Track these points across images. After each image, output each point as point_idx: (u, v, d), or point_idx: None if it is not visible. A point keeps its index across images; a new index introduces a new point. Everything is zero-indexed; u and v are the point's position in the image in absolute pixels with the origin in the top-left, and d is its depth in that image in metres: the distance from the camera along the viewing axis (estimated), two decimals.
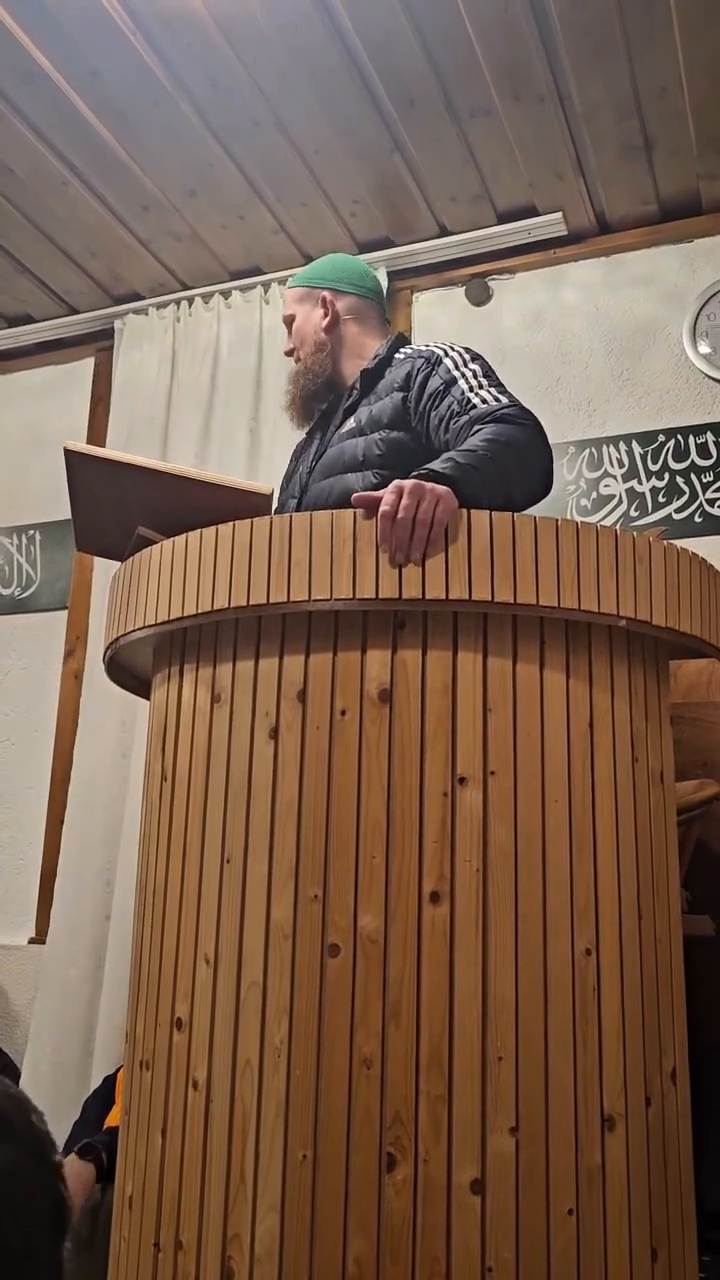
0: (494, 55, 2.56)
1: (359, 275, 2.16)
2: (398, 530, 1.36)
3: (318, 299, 2.11)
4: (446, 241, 3.21)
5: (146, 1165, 1.45)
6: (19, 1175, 0.68)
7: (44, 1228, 0.68)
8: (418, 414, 1.89)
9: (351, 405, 2.03)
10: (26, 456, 3.80)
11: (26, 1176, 0.69)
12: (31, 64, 2.64)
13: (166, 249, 3.34)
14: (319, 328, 2.09)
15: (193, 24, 2.51)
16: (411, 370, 1.93)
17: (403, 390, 1.93)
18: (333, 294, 2.11)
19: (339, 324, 2.10)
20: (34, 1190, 0.69)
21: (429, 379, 1.89)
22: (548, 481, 1.75)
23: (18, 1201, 0.67)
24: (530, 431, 1.72)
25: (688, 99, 2.68)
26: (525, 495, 1.71)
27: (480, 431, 1.69)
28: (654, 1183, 1.38)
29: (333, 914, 1.34)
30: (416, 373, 1.92)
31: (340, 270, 2.15)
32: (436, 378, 1.87)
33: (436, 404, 1.85)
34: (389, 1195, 1.26)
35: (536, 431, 1.74)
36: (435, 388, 1.86)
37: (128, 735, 3.19)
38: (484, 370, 1.87)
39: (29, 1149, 0.70)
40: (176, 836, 1.51)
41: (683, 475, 2.96)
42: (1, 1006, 3.32)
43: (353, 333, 2.10)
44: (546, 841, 1.36)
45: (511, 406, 1.76)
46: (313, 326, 2.10)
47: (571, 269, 3.23)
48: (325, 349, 2.08)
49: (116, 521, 1.74)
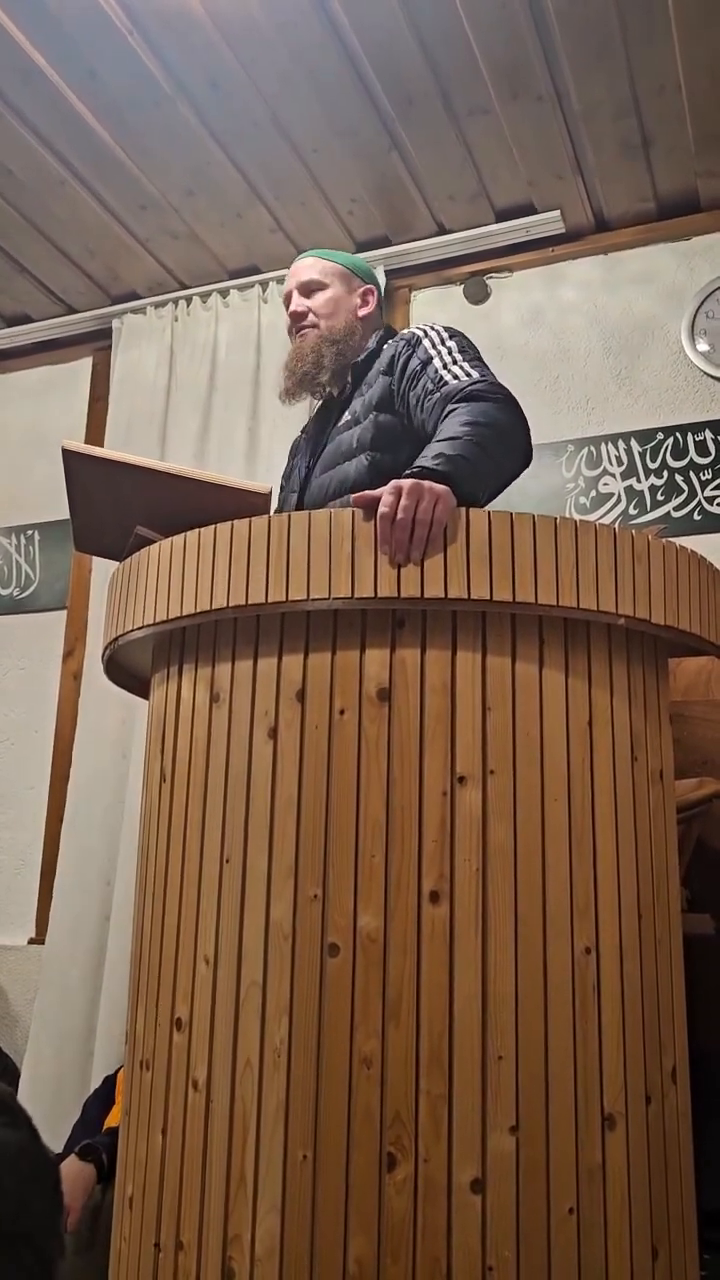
0: (492, 54, 2.56)
1: (378, 285, 2.21)
2: (397, 531, 1.36)
3: (359, 289, 2.13)
4: (445, 240, 3.21)
5: (147, 1165, 1.45)
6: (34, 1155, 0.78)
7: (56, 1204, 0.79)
8: (400, 396, 1.91)
9: (346, 399, 2.05)
10: (25, 456, 3.80)
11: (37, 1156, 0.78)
12: (30, 64, 2.63)
13: (165, 248, 3.34)
14: (355, 311, 2.11)
15: (191, 24, 2.51)
16: (395, 354, 1.95)
17: (388, 374, 1.95)
18: (373, 295, 2.15)
19: (369, 319, 2.13)
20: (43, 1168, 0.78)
21: (409, 361, 1.90)
22: (528, 454, 1.74)
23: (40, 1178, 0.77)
24: (504, 406, 1.70)
25: (686, 97, 2.68)
26: (510, 473, 1.71)
27: (456, 413, 1.68)
28: (654, 1181, 1.38)
29: (332, 913, 1.34)
30: (398, 356, 1.94)
31: (371, 276, 2.19)
32: (415, 359, 1.89)
33: (414, 384, 1.87)
34: (389, 1195, 1.26)
35: (509, 405, 1.71)
36: (414, 368, 1.88)
37: (127, 735, 3.19)
38: (460, 346, 1.88)
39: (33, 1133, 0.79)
40: (176, 836, 1.51)
41: (681, 473, 2.95)
42: (1, 1007, 3.32)
43: (368, 329, 2.13)
44: (546, 840, 1.36)
45: (481, 382, 1.75)
46: (350, 308, 2.11)
47: (570, 267, 3.23)
48: (355, 334, 2.09)
49: (115, 521, 1.74)
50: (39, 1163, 0.78)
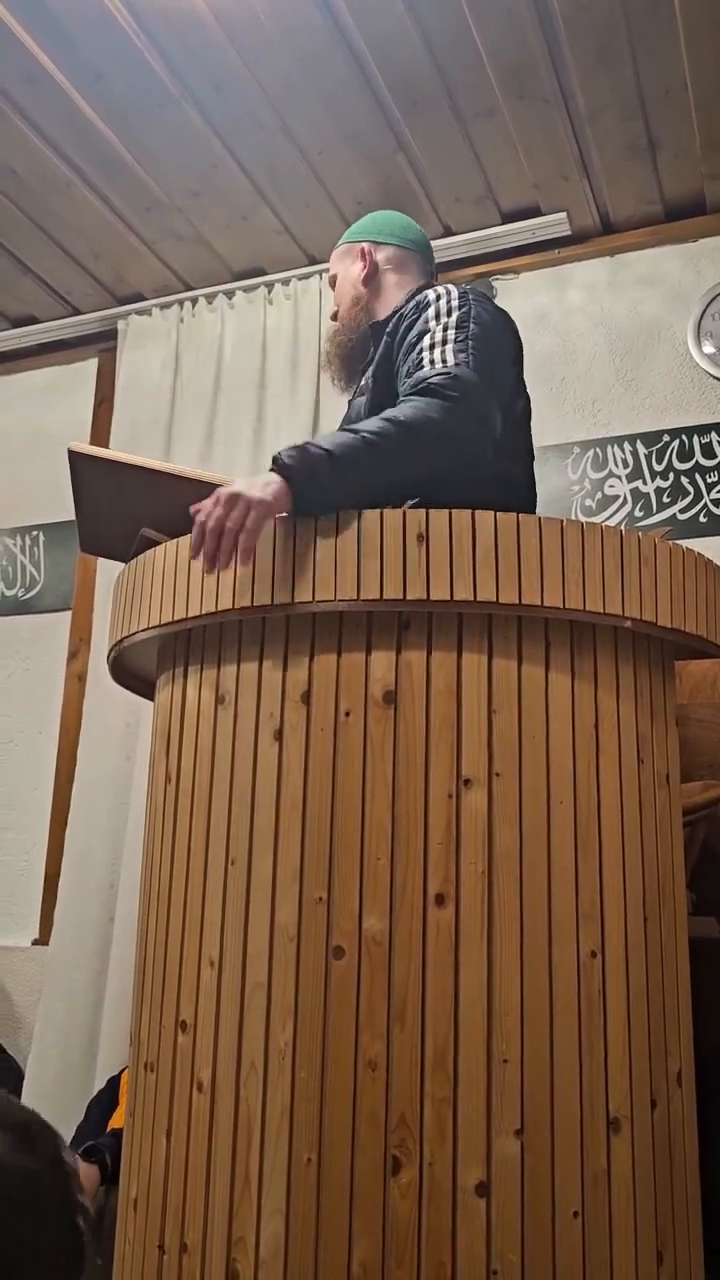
0: (498, 56, 2.56)
1: (401, 227, 2.05)
2: (207, 541, 1.36)
3: (357, 252, 2.01)
4: (450, 242, 3.21)
5: (151, 1167, 1.45)
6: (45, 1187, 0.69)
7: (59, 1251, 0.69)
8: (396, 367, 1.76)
9: (368, 363, 1.93)
10: (29, 457, 3.80)
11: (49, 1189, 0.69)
12: (36, 66, 2.64)
13: (170, 250, 3.34)
14: (356, 280, 1.99)
15: (196, 26, 2.51)
16: (402, 314, 1.80)
17: (391, 336, 1.80)
18: (372, 245, 2.00)
19: (377, 274, 1.99)
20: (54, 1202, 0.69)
21: (410, 328, 1.74)
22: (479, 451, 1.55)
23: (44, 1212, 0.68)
24: (449, 406, 1.50)
25: (692, 99, 2.68)
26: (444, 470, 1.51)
27: (399, 405, 1.53)
28: (659, 1185, 1.37)
29: (337, 916, 1.33)
30: (404, 318, 1.78)
31: (381, 223, 2.06)
32: (414, 330, 1.72)
33: (406, 356, 1.71)
34: (394, 1198, 1.26)
35: (459, 403, 1.52)
36: (410, 340, 1.72)
37: (132, 736, 3.19)
38: (458, 321, 1.68)
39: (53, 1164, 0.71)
40: (181, 838, 1.51)
41: (687, 475, 2.95)
42: (5, 1008, 3.32)
43: (390, 283, 1.98)
44: (552, 843, 1.36)
45: (442, 374, 1.55)
46: (351, 280, 2.00)
47: (576, 269, 3.22)
48: (361, 302, 1.98)
49: (120, 522, 1.74)
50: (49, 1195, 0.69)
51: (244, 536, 1.36)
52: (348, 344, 2.00)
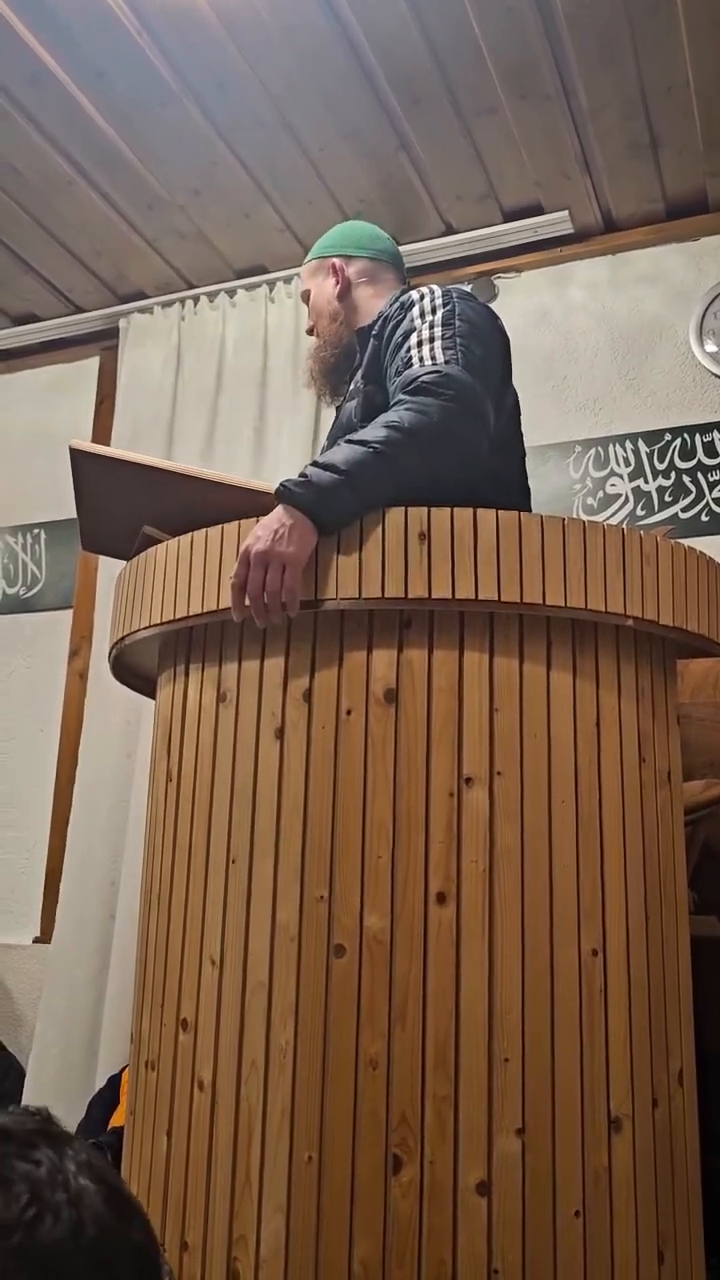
0: (500, 53, 2.56)
1: (369, 238, 2.04)
2: (254, 605, 1.38)
3: (328, 268, 2.00)
4: (452, 240, 3.21)
5: (152, 1166, 1.45)
6: (142, 1266, 0.69)
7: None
8: (383, 368, 1.75)
9: (355, 368, 1.94)
10: (31, 455, 3.80)
11: (137, 1256, 0.69)
12: (38, 65, 2.63)
13: (172, 248, 3.34)
14: (331, 297, 1.99)
15: (198, 24, 2.51)
16: (387, 315, 1.80)
17: (377, 338, 1.80)
18: (342, 260, 2.00)
19: (351, 290, 1.98)
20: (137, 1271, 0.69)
21: (396, 328, 1.74)
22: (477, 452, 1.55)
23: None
24: (447, 405, 1.50)
25: (694, 97, 2.67)
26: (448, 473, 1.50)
27: (395, 408, 1.52)
28: (661, 1185, 1.37)
29: (338, 914, 1.33)
30: (390, 319, 1.78)
31: (349, 235, 2.05)
32: (400, 329, 1.71)
33: (393, 356, 1.70)
34: (395, 1197, 1.26)
35: (457, 401, 1.51)
36: (396, 339, 1.71)
37: (133, 735, 3.19)
38: (445, 319, 1.66)
39: (145, 1229, 0.71)
40: (182, 836, 1.51)
41: (689, 474, 2.95)
42: (6, 1006, 3.32)
43: (365, 296, 1.98)
44: (553, 842, 1.36)
45: (433, 372, 1.54)
46: (326, 297, 2.00)
47: (577, 267, 3.22)
48: (339, 318, 1.98)
49: (122, 521, 1.74)
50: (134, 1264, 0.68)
51: (287, 595, 1.37)
52: (330, 359, 2.00)
